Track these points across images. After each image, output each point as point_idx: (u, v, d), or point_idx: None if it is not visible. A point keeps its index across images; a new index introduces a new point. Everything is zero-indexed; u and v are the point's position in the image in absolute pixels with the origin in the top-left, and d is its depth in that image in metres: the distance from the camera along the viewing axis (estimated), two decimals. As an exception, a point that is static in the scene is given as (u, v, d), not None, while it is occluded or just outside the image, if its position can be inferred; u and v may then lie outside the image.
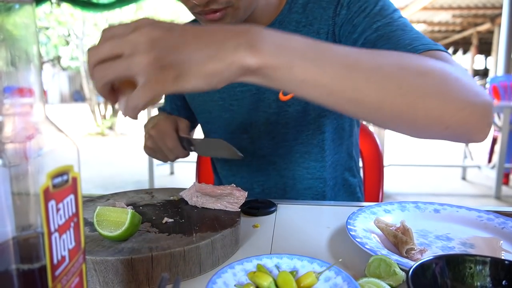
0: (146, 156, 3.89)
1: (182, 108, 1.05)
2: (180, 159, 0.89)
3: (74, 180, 0.31)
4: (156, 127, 0.85)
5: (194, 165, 1.30)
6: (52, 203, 0.29)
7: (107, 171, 4.78)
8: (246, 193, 0.67)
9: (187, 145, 0.84)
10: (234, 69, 0.41)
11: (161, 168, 4.63)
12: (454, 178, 4.35)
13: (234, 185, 0.69)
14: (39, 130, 0.30)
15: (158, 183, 4.02)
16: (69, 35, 8.94)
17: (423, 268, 0.37)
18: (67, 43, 10.14)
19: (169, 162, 0.97)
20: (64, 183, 0.30)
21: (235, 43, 0.41)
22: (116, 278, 0.49)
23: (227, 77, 0.42)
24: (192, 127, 1.13)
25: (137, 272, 0.50)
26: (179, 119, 0.91)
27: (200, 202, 0.68)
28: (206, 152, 0.87)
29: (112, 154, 5.91)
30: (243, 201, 0.67)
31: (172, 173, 4.68)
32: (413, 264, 0.38)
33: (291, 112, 0.84)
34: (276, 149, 0.90)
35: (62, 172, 0.30)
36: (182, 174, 4.61)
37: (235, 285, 0.45)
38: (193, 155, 1.31)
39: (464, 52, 13.52)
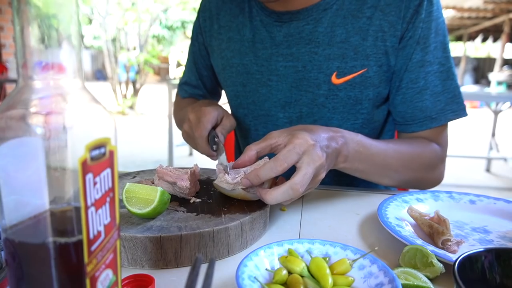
0: (166, 137, 3.93)
1: (208, 78, 1.01)
2: None
3: (111, 153, 0.30)
4: (195, 112, 0.78)
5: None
6: (89, 176, 0.28)
7: (127, 150, 4.85)
8: (188, 182, 0.60)
9: (211, 141, 0.74)
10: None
11: (181, 149, 4.67)
12: (477, 170, 4.24)
13: (189, 171, 0.62)
14: (75, 101, 0.29)
15: (177, 164, 4.06)
16: (92, 13, 8.99)
17: (470, 260, 0.35)
18: (90, 21, 10.22)
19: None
20: (101, 156, 0.29)
21: (339, 159, 0.66)
22: (144, 256, 0.49)
23: None
24: (217, 99, 1.08)
25: (166, 251, 0.49)
26: (227, 113, 0.81)
27: (160, 186, 0.62)
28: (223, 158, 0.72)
29: (132, 133, 5.98)
30: (190, 191, 0.61)
31: (191, 154, 4.71)
32: (459, 256, 0.35)
33: (341, 97, 0.80)
34: None
35: (99, 145, 0.28)
36: (201, 155, 4.63)
37: (266, 269, 0.44)
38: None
39: (494, 40, 13.00)
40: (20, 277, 0.29)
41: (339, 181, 0.89)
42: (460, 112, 0.79)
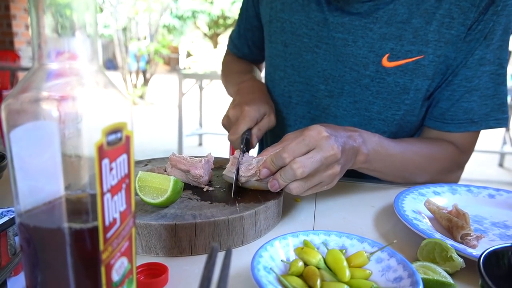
0: (176, 126, 3.93)
1: (256, 29, 0.97)
2: (208, 131, 0.82)
3: (128, 138, 0.29)
4: (236, 108, 0.73)
5: (223, 137, 1.27)
6: (105, 161, 0.27)
7: (137, 139, 4.87)
8: (202, 171, 0.59)
9: (242, 141, 0.69)
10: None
11: (190, 139, 4.67)
12: (490, 164, 4.18)
13: (203, 159, 0.61)
14: (91, 85, 0.28)
15: (187, 154, 4.07)
16: (103, 2, 8.99)
17: (496, 255, 0.33)
18: (101, 10, 10.22)
19: (198, 133, 0.92)
20: (118, 140, 0.28)
21: (359, 158, 0.63)
22: (158, 243, 0.48)
23: None
24: (261, 57, 1.03)
25: (180, 239, 0.48)
26: (270, 112, 0.75)
27: (172, 174, 0.63)
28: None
29: (142, 123, 6.00)
30: (204, 179, 0.60)
31: (200, 144, 4.72)
32: (485, 250, 0.34)
33: (388, 82, 0.74)
34: (353, 115, 0.79)
35: (116, 129, 0.28)
36: (211, 145, 4.64)
37: (282, 260, 0.43)
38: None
39: (510, 32, 12.70)
40: (35, 264, 0.28)
41: (352, 172, 0.87)
42: (502, 121, 0.74)
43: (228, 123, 0.76)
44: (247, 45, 1.03)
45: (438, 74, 0.73)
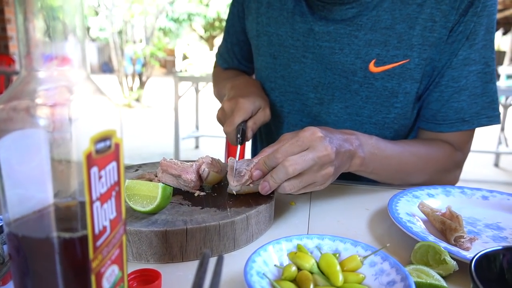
0: (172, 129, 3.93)
1: (244, 43, 0.98)
2: (205, 133, 0.82)
3: (117, 146, 0.29)
4: (231, 101, 0.74)
5: (219, 140, 1.28)
6: (94, 169, 0.27)
7: (133, 142, 4.86)
8: (193, 175, 0.60)
9: (237, 133, 0.71)
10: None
11: (187, 142, 4.67)
12: (486, 164, 4.19)
13: (194, 164, 0.61)
14: (80, 92, 0.28)
15: (183, 157, 4.06)
16: (98, 5, 8.98)
17: (488, 259, 0.33)
18: (97, 13, 10.21)
19: (194, 135, 0.91)
20: (106, 148, 0.28)
21: (355, 162, 0.64)
22: (149, 250, 0.48)
23: None
24: (251, 68, 1.04)
25: (171, 245, 0.48)
26: (265, 105, 0.76)
27: (163, 179, 0.62)
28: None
29: (139, 126, 5.99)
30: (195, 184, 0.60)
31: (197, 147, 4.71)
32: (476, 254, 0.34)
33: (377, 86, 0.75)
34: (344, 120, 0.81)
35: (105, 137, 0.27)
36: (207, 148, 4.64)
37: (275, 265, 0.43)
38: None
39: (505, 32, 12.78)
40: (25, 272, 0.28)
41: (347, 174, 0.87)
42: (494, 119, 0.75)
43: (223, 116, 0.76)
44: (237, 59, 1.04)
45: (425, 76, 0.74)
